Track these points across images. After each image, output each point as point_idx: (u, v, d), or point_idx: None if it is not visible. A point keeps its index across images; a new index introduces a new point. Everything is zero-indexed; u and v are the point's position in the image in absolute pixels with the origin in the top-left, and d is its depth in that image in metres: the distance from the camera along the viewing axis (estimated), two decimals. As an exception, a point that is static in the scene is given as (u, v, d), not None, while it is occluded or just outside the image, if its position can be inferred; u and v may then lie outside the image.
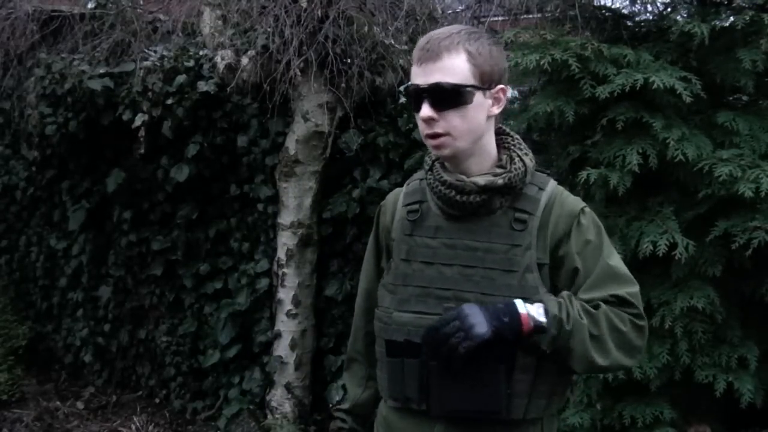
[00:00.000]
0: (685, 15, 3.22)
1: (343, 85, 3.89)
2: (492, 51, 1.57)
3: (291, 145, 4.05)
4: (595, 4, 3.48)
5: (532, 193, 1.60)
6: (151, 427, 4.60)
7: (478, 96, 1.54)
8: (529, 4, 3.70)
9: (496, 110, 1.59)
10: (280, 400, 4.17)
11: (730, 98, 3.18)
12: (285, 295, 4.14)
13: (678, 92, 2.74)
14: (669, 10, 3.35)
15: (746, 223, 2.64)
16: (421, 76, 1.53)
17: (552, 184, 1.63)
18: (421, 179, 1.69)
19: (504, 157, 1.62)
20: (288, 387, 4.15)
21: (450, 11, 5.06)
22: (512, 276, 1.55)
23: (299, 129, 4.01)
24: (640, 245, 2.73)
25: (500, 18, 4.45)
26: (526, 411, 1.55)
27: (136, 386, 5.12)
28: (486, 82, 1.55)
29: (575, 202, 1.63)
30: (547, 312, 1.48)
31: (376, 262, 1.79)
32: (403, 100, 4.18)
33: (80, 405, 5.02)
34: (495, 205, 1.58)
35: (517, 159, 1.60)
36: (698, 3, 3.23)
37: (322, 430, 4.16)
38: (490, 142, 1.62)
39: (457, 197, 1.57)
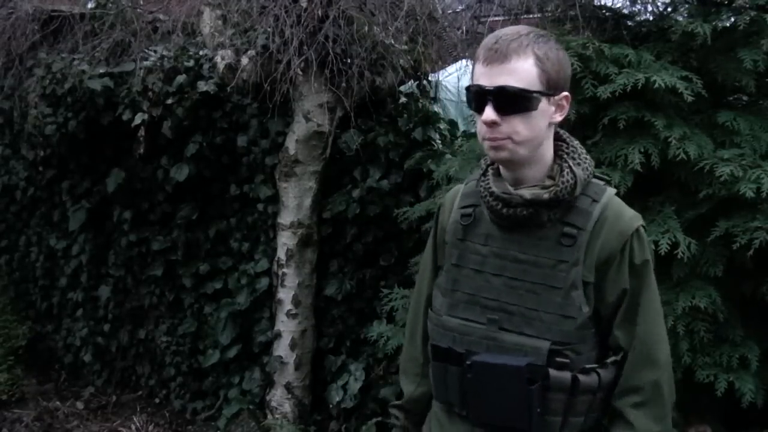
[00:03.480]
0: (686, 15, 3.22)
1: (343, 84, 3.89)
2: (559, 56, 1.52)
3: (291, 145, 4.04)
4: (595, 4, 3.47)
5: (584, 206, 1.53)
6: (151, 427, 4.60)
7: (543, 102, 1.49)
8: (530, 3, 3.69)
9: (559, 117, 1.54)
10: (280, 400, 4.17)
11: (731, 98, 3.18)
12: (285, 295, 4.14)
13: (679, 92, 2.74)
14: (669, 10, 3.35)
15: (747, 224, 2.63)
16: (486, 77, 1.47)
17: (607, 195, 1.56)
18: (479, 184, 1.64)
19: (555, 167, 1.56)
20: (288, 387, 4.15)
21: (450, 11, 5.06)
22: (557, 293, 1.51)
23: (299, 129, 4.01)
24: (642, 245, 2.72)
25: (500, 18, 4.44)
26: (563, 428, 1.52)
27: (136, 386, 5.12)
28: (552, 88, 1.50)
29: (631, 219, 1.56)
30: None
31: (434, 266, 1.75)
32: (403, 99, 4.18)
33: (80, 405, 5.01)
34: (543, 218, 1.53)
35: (567, 170, 1.53)
36: (699, 3, 3.23)
37: (322, 430, 4.16)
38: (549, 149, 1.57)
39: (504, 210, 1.54)
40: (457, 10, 5.06)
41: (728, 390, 2.72)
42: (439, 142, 4.01)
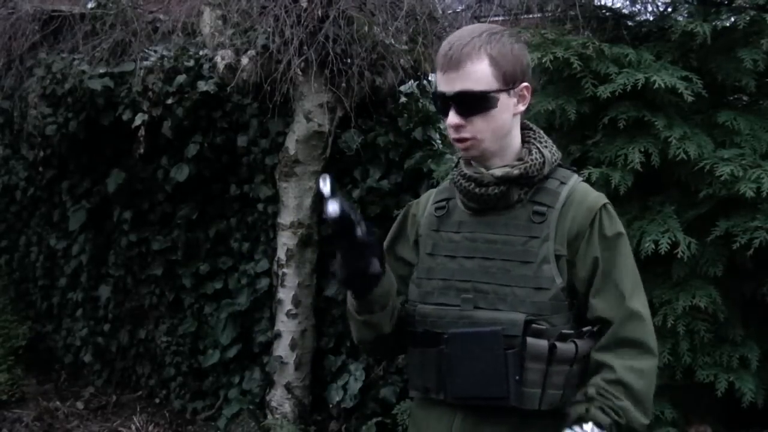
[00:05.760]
0: (686, 15, 3.22)
1: (343, 84, 3.89)
2: (513, 49, 1.57)
3: (291, 145, 4.05)
4: (595, 3, 3.47)
5: (552, 187, 1.61)
6: (151, 427, 4.60)
7: (503, 98, 1.56)
8: (530, 3, 3.70)
9: (522, 107, 1.61)
10: (280, 400, 4.17)
11: (731, 98, 3.18)
12: (285, 295, 4.14)
13: (679, 91, 2.74)
14: (669, 10, 3.35)
15: (747, 223, 2.63)
16: (445, 84, 1.55)
17: (575, 179, 1.64)
18: (451, 178, 1.72)
19: (524, 150, 1.63)
20: (288, 387, 4.15)
21: (450, 11, 5.05)
22: (528, 267, 1.56)
23: (299, 129, 4.01)
24: (642, 244, 2.72)
25: (500, 18, 4.45)
26: (542, 402, 1.54)
27: (136, 386, 5.12)
28: (509, 82, 1.56)
29: (598, 196, 1.62)
30: (600, 425, 1.48)
31: (391, 244, 1.77)
32: (403, 99, 4.18)
33: (80, 405, 5.02)
34: (513, 198, 1.60)
35: (535, 150, 1.62)
36: (699, 3, 3.23)
37: (322, 430, 4.16)
38: (516, 138, 1.64)
39: (476, 189, 1.60)
40: (457, 10, 5.06)
41: (728, 390, 2.72)
42: (440, 141, 4.01)
